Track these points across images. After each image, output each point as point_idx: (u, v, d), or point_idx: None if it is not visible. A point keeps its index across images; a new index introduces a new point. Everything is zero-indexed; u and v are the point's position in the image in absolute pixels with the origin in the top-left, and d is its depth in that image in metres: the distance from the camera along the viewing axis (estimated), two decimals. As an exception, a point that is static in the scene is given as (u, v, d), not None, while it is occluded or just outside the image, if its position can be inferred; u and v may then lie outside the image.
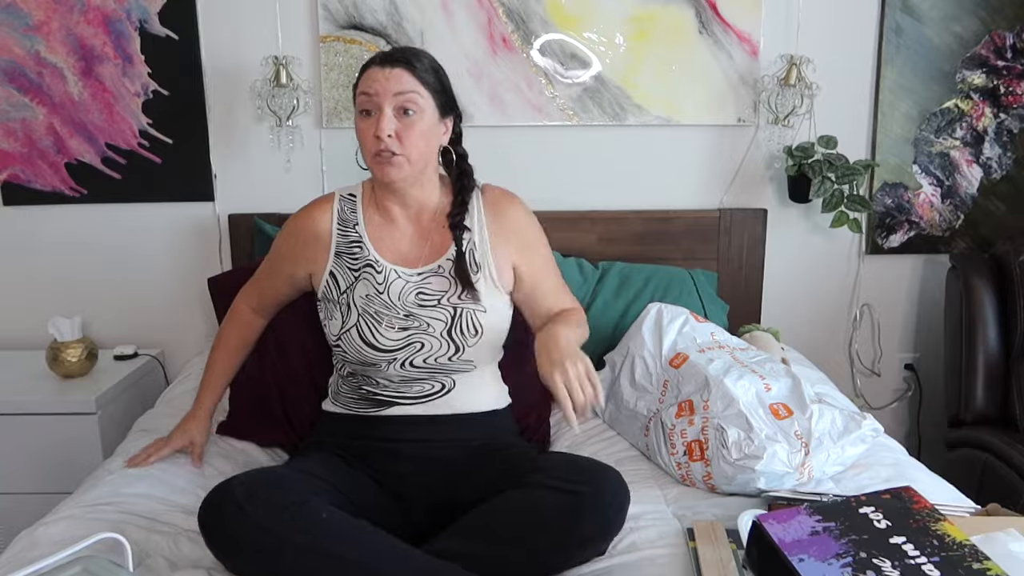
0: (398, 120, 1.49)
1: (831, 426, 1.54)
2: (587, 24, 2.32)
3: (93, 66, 2.29)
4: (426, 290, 1.56)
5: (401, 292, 1.56)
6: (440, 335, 1.53)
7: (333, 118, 2.33)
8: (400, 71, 1.49)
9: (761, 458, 1.46)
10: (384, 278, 1.57)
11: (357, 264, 1.58)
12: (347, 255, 1.60)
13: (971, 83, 2.41)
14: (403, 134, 1.49)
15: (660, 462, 1.63)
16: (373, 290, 1.56)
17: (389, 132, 1.47)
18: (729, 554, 1.27)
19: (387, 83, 1.48)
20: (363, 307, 1.55)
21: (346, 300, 1.57)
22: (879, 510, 1.18)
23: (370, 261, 1.58)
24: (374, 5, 2.27)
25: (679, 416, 1.62)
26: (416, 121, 1.50)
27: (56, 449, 2.12)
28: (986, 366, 2.29)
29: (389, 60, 1.50)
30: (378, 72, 1.50)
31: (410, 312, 1.54)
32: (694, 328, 1.82)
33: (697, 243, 2.40)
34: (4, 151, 2.34)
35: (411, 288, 1.56)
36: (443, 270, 1.57)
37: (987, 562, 1.06)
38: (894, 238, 2.52)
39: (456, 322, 1.54)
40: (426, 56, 1.56)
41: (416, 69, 1.51)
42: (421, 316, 1.54)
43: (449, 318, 1.54)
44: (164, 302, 2.47)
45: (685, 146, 2.44)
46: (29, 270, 2.44)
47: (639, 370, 1.78)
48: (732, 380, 1.60)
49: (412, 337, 1.53)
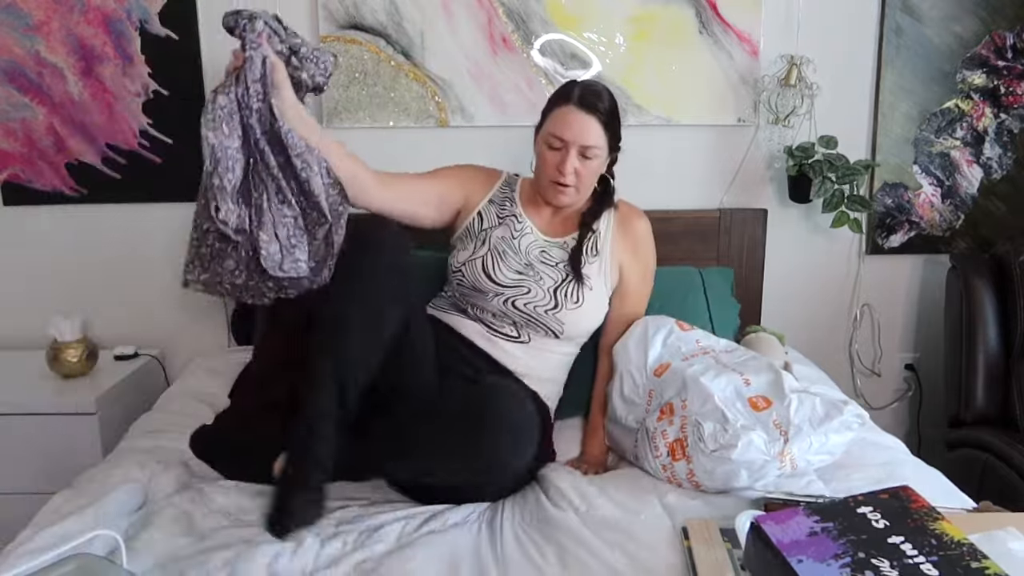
0: (579, 160, 1.73)
1: (811, 413, 1.52)
2: (587, 24, 2.32)
3: (93, 66, 2.29)
4: (549, 253, 1.82)
5: (529, 245, 1.82)
6: (548, 289, 1.76)
7: (333, 118, 2.33)
8: (593, 121, 1.71)
9: (736, 447, 1.45)
10: (521, 229, 1.83)
11: (505, 212, 1.86)
12: (499, 204, 1.87)
13: (971, 83, 2.41)
14: (581, 173, 1.74)
15: (648, 468, 1.63)
16: (509, 233, 1.82)
17: (571, 172, 1.73)
18: (724, 554, 1.27)
19: (580, 133, 1.70)
20: (495, 244, 1.80)
21: (484, 236, 1.82)
22: (877, 510, 1.18)
23: (515, 213, 1.85)
24: (374, 5, 2.27)
25: (660, 419, 1.62)
26: (593, 164, 1.75)
27: (56, 449, 2.12)
28: (986, 366, 2.29)
29: (586, 106, 1.70)
30: (573, 116, 1.71)
31: (530, 263, 1.79)
32: (679, 338, 1.82)
33: (697, 243, 2.40)
34: (4, 151, 2.34)
35: (537, 246, 1.82)
36: (567, 245, 1.83)
37: (985, 561, 1.06)
38: (894, 238, 2.51)
39: (564, 285, 1.77)
40: (608, 96, 1.75)
41: (606, 120, 1.72)
42: (538, 268, 1.79)
43: (560, 279, 1.78)
44: (164, 302, 2.47)
45: (685, 146, 2.44)
46: (29, 270, 2.44)
47: (627, 385, 1.78)
48: (709, 378, 1.60)
49: (524, 281, 1.76)
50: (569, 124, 1.71)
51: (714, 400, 1.55)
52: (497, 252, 1.79)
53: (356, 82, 2.31)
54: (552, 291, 1.76)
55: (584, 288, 1.77)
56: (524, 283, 1.76)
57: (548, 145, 1.74)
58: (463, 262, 1.79)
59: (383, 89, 2.32)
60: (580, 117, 1.70)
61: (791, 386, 1.58)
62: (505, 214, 1.85)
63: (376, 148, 2.27)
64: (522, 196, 1.89)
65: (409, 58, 2.31)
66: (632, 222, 1.89)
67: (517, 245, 1.81)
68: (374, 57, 2.30)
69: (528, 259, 1.80)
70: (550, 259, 1.81)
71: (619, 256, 1.86)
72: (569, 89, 1.75)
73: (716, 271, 2.29)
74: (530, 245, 1.82)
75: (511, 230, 1.82)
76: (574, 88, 1.74)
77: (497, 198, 1.88)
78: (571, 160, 1.71)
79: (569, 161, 1.71)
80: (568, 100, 1.72)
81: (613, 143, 1.78)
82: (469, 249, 1.81)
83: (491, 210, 1.86)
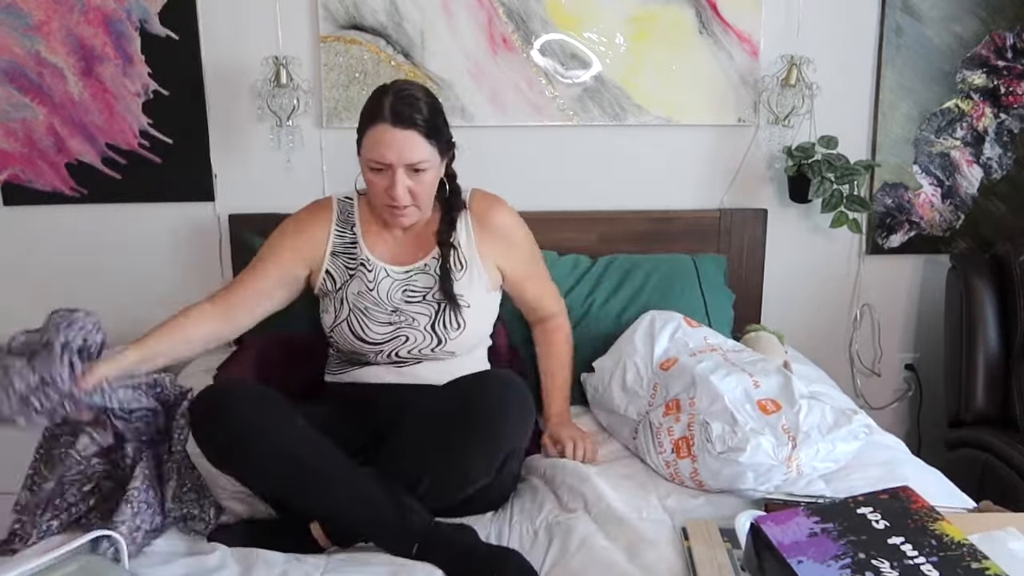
0: (409, 178, 1.56)
1: (820, 420, 1.53)
2: (587, 24, 2.32)
3: (93, 66, 2.29)
4: (412, 286, 1.68)
5: (389, 289, 1.67)
6: (424, 328, 1.65)
7: (333, 118, 2.33)
8: (412, 135, 1.53)
9: (744, 450, 1.45)
10: (374, 276, 1.67)
11: (352, 263, 1.69)
12: (343, 254, 1.70)
13: (971, 83, 2.40)
14: (416, 191, 1.58)
15: (649, 462, 1.63)
16: (364, 287, 1.66)
17: (403, 194, 1.56)
18: (724, 554, 1.27)
19: (401, 152, 1.53)
20: (354, 303, 1.66)
21: (341, 296, 1.68)
22: (877, 510, 1.18)
23: (363, 260, 1.68)
24: (374, 5, 2.27)
25: (666, 415, 1.62)
26: (427, 176, 1.58)
27: (56, 449, 2.11)
28: (986, 366, 2.29)
29: (402, 121, 1.52)
30: (390, 136, 1.52)
31: (396, 307, 1.66)
32: (686, 333, 1.82)
33: (697, 243, 2.40)
34: (4, 151, 2.34)
35: (398, 285, 1.67)
36: (429, 268, 1.68)
37: (986, 561, 1.06)
38: (894, 238, 2.51)
39: (440, 316, 1.65)
40: (424, 101, 1.57)
41: (426, 130, 1.54)
42: (407, 311, 1.65)
43: (433, 312, 1.66)
44: (164, 302, 2.44)
45: (685, 146, 2.43)
46: (29, 270, 2.44)
47: (630, 375, 1.78)
48: (719, 377, 1.60)
49: (398, 331, 1.65)
50: (388, 144, 1.53)
51: (723, 401, 1.54)
52: (359, 310, 1.65)
53: (356, 82, 2.31)
54: (430, 328, 1.65)
55: (462, 309, 1.66)
56: (399, 333, 1.65)
57: (371, 168, 1.58)
58: (330, 327, 1.69)
59: (383, 89, 2.32)
60: (396, 135, 1.52)
61: (801, 392, 1.58)
62: (353, 265, 1.69)
63: (376, 148, 2.29)
64: (363, 223, 1.72)
65: (409, 58, 2.31)
66: (490, 218, 1.73)
67: (376, 296, 1.66)
68: (374, 57, 2.30)
69: (393, 305, 1.66)
70: (415, 295, 1.67)
71: (491, 258, 1.73)
72: (379, 103, 1.55)
73: (710, 258, 2.29)
74: (390, 290, 1.67)
75: (364, 282, 1.67)
76: (384, 100, 1.55)
77: (339, 247, 1.70)
78: (400, 181, 1.55)
79: (399, 183, 1.55)
80: (379, 118, 1.54)
81: (443, 147, 1.61)
82: (331, 312, 1.69)
83: (337, 264, 1.70)
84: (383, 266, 1.68)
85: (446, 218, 1.70)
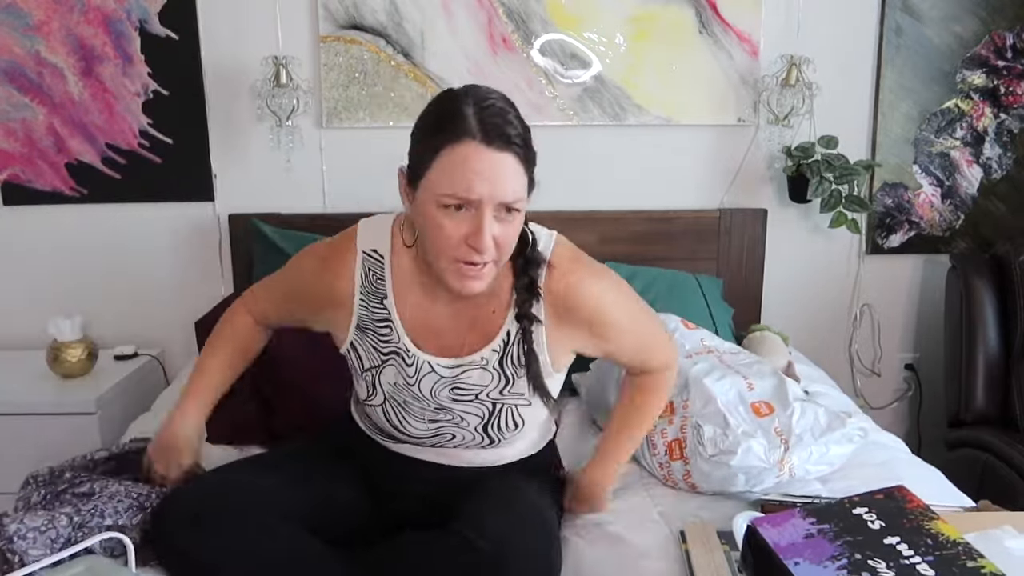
0: (497, 221, 1.13)
1: (814, 423, 1.53)
2: (587, 24, 2.32)
3: (93, 66, 2.30)
4: (463, 384, 1.29)
5: (433, 387, 1.30)
6: (475, 429, 1.32)
7: (333, 118, 2.33)
8: (509, 160, 1.11)
9: (735, 453, 1.45)
10: (416, 370, 1.29)
11: (386, 348, 1.29)
12: (373, 332, 1.30)
13: (971, 83, 2.40)
14: (501, 241, 1.14)
15: (644, 464, 1.63)
16: (402, 380, 1.30)
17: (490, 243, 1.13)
18: (722, 557, 1.27)
19: (495, 182, 1.10)
20: (390, 393, 1.32)
21: (372, 380, 1.32)
22: (872, 511, 1.18)
23: (399, 349, 1.29)
24: (374, 5, 2.27)
25: (660, 417, 1.62)
26: (517, 220, 1.16)
27: (56, 449, 2.11)
28: (986, 366, 2.29)
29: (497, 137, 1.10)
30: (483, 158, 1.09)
31: (442, 406, 1.31)
32: (684, 335, 1.82)
33: (697, 243, 2.40)
34: (4, 151, 2.35)
35: (444, 384, 1.30)
36: (487, 362, 1.28)
37: (981, 559, 1.06)
38: (894, 238, 2.51)
39: (495, 418, 1.31)
40: (514, 114, 1.15)
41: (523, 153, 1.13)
42: (455, 410, 1.31)
43: (487, 413, 1.31)
44: (164, 302, 2.47)
45: (685, 146, 2.43)
46: (29, 270, 2.44)
47: None
48: (712, 380, 1.60)
49: (443, 428, 1.33)
50: (478, 172, 1.09)
51: (716, 403, 1.54)
52: (396, 403, 1.32)
53: (356, 82, 2.31)
54: (482, 430, 1.32)
55: (521, 408, 1.32)
56: (443, 430, 1.34)
57: (443, 206, 1.12)
58: (363, 401, 1.38)
59: (383, 89, 2.32)
60: (491, 159, 1.09)
61: (795, 394, 1.58)
62: (387, 350, 1.29)
63: (376, 148, 2.29)
64: (397, 293, 1.28)
65: (409, 58, 2.31)
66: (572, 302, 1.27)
67: (418, 391, 1.30)
68: (374, 57, 2.30)
69: (438, 402, 1.31)
70: (465, 394, 1.29)
71: (565, 345, 1.31)
72: (459, 113, 1.11)
73: (708, 280, 2.30)
74: (435, 387, 1.30)
75: (403, 374, 1.29)
76: (465, 109, 1.11)
77: (366, 321, 1.30)
78: (487, 227, 1.11)
79: (486, 228, 1.11)
80: (464, 132, 1.10)
81: (531, 180, 1.17)
82: (363, 387, 1.35)
83: (365, 342, 1.31)
84: (427, 359, 1.29)
85: (523, 280, 1.25)
